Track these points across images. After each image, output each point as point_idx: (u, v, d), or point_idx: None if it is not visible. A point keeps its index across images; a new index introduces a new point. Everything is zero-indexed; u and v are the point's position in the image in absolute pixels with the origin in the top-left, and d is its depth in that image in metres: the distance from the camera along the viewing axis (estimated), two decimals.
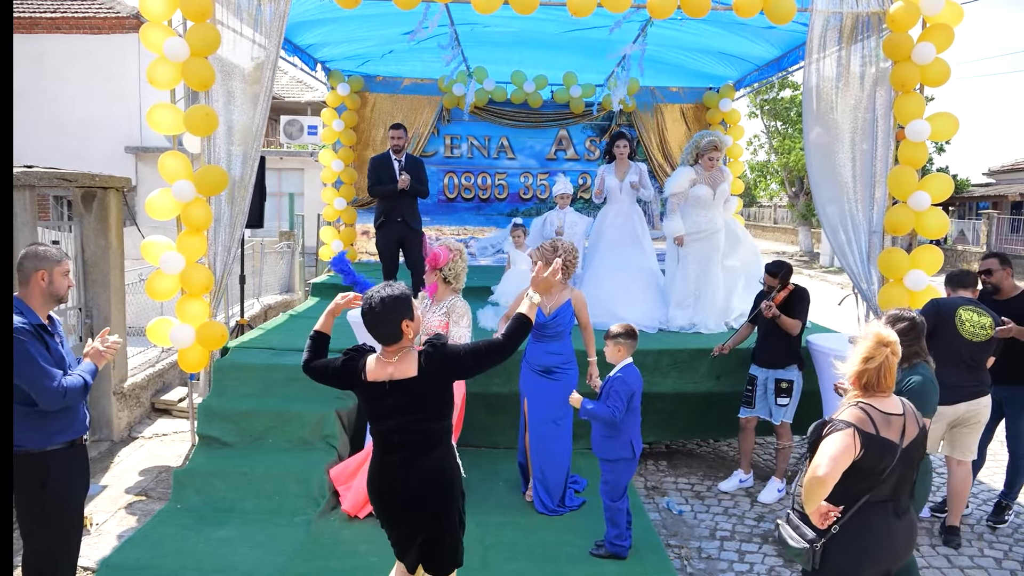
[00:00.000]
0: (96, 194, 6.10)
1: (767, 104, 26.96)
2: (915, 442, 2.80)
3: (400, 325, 2.90)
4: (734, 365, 5.86)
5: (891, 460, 2.73)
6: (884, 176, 5.68)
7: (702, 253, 6.67)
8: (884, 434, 2.73)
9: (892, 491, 2.79)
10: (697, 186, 6.55)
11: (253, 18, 5.45)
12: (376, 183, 7.07)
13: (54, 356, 3.22)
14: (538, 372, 4.83)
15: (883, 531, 2.78)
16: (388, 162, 7.08)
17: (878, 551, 2.78)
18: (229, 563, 4.16)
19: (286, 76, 24.70)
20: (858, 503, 2.75)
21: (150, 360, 7.36)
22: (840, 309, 7.52)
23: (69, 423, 3.27)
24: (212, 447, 5.23)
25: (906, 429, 2.78)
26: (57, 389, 3.10)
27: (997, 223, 24.63)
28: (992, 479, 5.71)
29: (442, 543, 2.99)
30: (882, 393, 2.80)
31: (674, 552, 4.53)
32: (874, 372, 2.76)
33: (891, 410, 2.79)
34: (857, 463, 2.69)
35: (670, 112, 10.34)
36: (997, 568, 4.46)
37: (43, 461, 3.19)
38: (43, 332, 3.22)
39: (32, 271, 3.23)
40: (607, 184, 7.16)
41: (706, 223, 6.60)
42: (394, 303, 2.90)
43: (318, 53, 8.88)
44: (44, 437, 3.20)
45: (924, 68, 5.45)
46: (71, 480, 3.32)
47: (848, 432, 2.69)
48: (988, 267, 5.00)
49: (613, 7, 5.37)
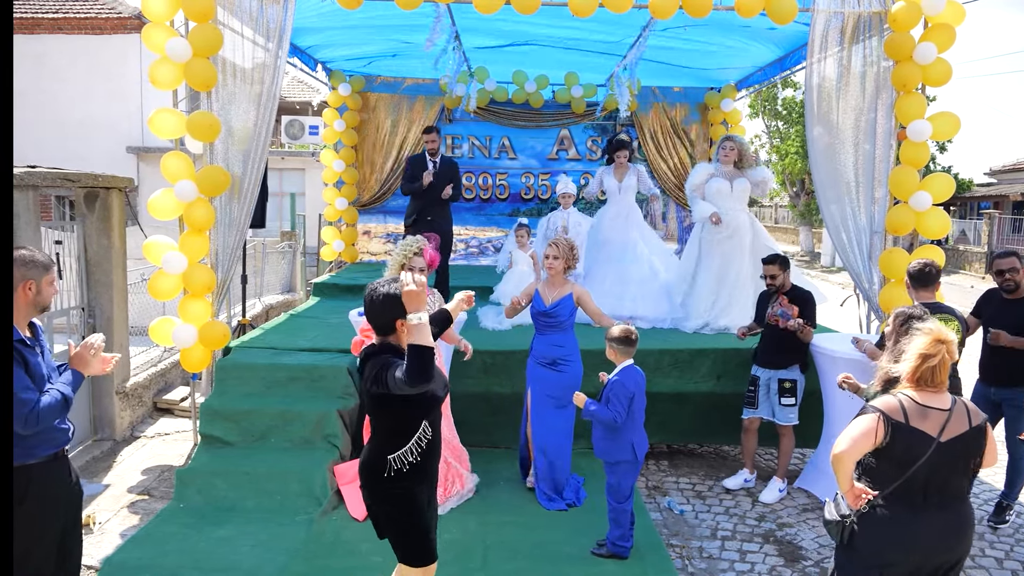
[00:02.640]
0: (99, 194, 6.11)
1: (768, 104, 26.96)
2: (961, 439, 2.79)
3: (394, 322, 2.97)
4: (735, 365, 5.86)
5: (923, 452, 2.74)
6: (885, 176, 5.68)
7: (723, 251, 6.59)
8: (916, 424, 2.76)
9: (926, 483, 2.78)
10: (713, 179, 6.58)
11: (255, 20, 5.46)
12: (409, 180, 7.30)
13: (34, 373, 2.99)
14: (543, 364, 4.93)
15: (909, 521, 2.79)
16: (424, 163, 7.29)
17: (909, 540, 2.79)
18: (231, 562, 4.17)
19: (287, 76, 24.68)
20: (888, 489, 2.80)
21: (152, 360, 7.37)
22: (841, 309, 7.52)
23: (50, 435, 3.07)
24: (214, 446, 5.24)
25: (949, 424, 2.78)
26: (31, 415, 2.90)
27: (998, 223, 24.59)
28: (993, 479, 5.70)
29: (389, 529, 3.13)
30: (933, 389, 2.82)
31: (675, 552, 4.53)
32: (929, 369, 2.79)
33: (933, 404, 2.80)
34: (884, 450, 2.76)
35: (671, 112, 10.34)
36: (998, 568, 4.47)
37: (23, 476, 2.98)
38: (23, 347, 2.99)
39: (19, 281, 2.99)
40: (606, 185, 7.21)
41: (725, 218, 6.52)
42: (393, 301, 2.95)
43: (319, 54, 8.89)
44: (24, 451, 2.97)
45: (926, 68, 5.45)
46: (49, 497, 3.11)
47: (874, 417, 2.78)
48: (1012, 265, 4.72)
49: (614, 7, 5.38)
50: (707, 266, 6.68)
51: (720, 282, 6.64)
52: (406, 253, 4.58)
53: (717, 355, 5.97)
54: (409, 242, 4.65)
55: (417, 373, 2.73)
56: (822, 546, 4.63)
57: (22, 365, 2.95)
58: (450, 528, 4.54)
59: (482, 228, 10.67)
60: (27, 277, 3.00)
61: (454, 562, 4.16)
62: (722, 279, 6.63)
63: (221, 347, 5.59)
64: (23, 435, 2.95)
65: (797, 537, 4.77)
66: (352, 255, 10.33)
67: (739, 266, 6.59)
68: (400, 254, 4.61)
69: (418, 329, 2.73)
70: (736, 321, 6.28)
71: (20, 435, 2.95)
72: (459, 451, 5.10)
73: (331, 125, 9.85)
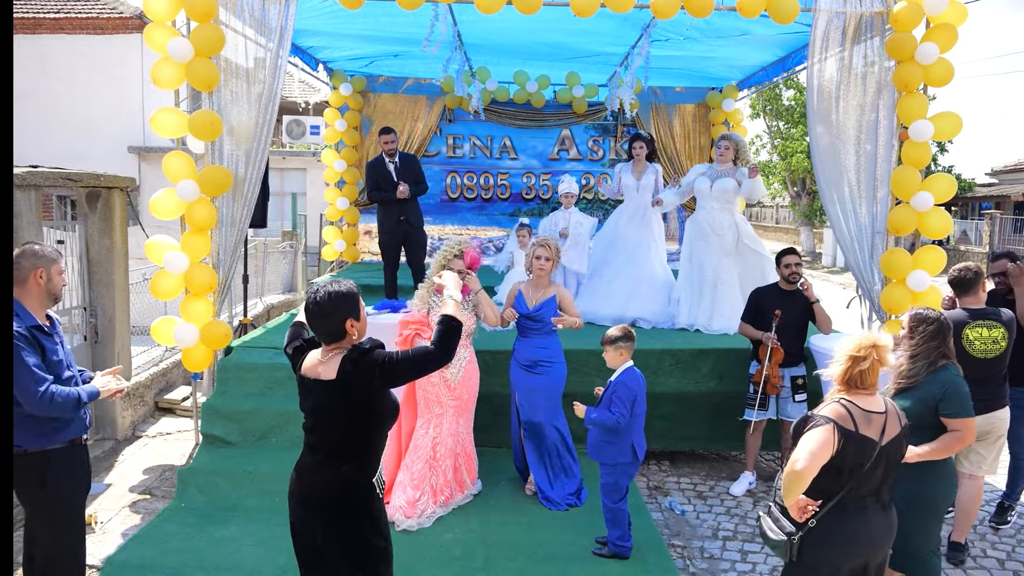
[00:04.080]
0: (100, 194, 6.11)
1: (769, 104, 26.94)
2: (896, 440, 2.84)
3: (344, 323, 2.73)
4: (736, 365, 5.86)
5: (870, 457, 2.76)
6: (887, 176, 5.67)
7: (704, 250, 6.69)
8: (864, 431, 2.76)
9: (873, 487, 2.82)
10: (698, 178, 6.67)
11: (256, 19, 5.46)
12: (375, 188, 7.18)
13: (49, 359, 3.15)
14: (525, 367, 4.91)
15: (861, 526, 2.81)
16: (383, 165, 7.18)
17: (855, 545, 2.82)
18: (232, 561, 4.17)
19: (290, 77, 24.67)
20: (836, 498, 2.79)
21: (154, 359, 7.38)
22: (843, 309, 7.52)
23: (67, 422, 3.22)
24: (215, 446, 5.25)
25: (887, 427, 2.81)
26: (44, 395, 3.04)
27: (1000, 223, 24.57)
28: (995, 479, 5.70)
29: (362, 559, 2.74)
30: (865, 391, 2.83)
31: (677, 552, 4.53)
32: (858, 372, 2.80)
33: (873, 408, 2.82)
34: (836, 459, 2.74)
35: (673, 112, 10.34)
36: (1000, 569, 4.46)
37: (42, 461, 3.15)
38: (40, 334, 3.15)
39: (31, 269, 3.17)
40: (623, 182, 7.24)
41: (704, 217, 6.65)
42: (340, 299, 2.72)
43: (320, 54, 8.89)
44: (42, 437, 3.15)
45: (927, 68, 5.44)
46: (71, 479, 3.28)
47: (828, 428, 2.74)
48: (1000, 269, 4.79)
49: (616, 7, 5.38)
50: (691, 265, 6.79)
51: (702, 281, 6.71)
52: (447, 255, 4.69)
53: (718, 355, 5.97)
54: (451, 244, 4.75)
55: (452, 346, 2.74)
56: None
57: (38, 350, 3.11)
58: (452, 528, 4.55)
59: (483, 228, 10.67)
60: (37, 266, 3.18)
61: (457, 562, 4.17)
62: (703, 278, 6.70)
63: (222, 347, 5.59)
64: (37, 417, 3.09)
65: None
66: (353, 255, 10.33)
67: (716, 265, 6.65)
68: (442, 259, 4.69)
69: (455, 307, 2.83)
70: (729, 323, 6.36)
71: (36, 418, 3.11)
72: (472, 458, 5.07)
73: (332, 125, 9.85)
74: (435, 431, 4.75)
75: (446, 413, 4.79)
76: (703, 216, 6.69)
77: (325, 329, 2.75)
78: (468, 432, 4.98)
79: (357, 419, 2.73)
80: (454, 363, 4.73)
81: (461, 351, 4.78)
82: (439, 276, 3.06)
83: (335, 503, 2.72)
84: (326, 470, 2.75)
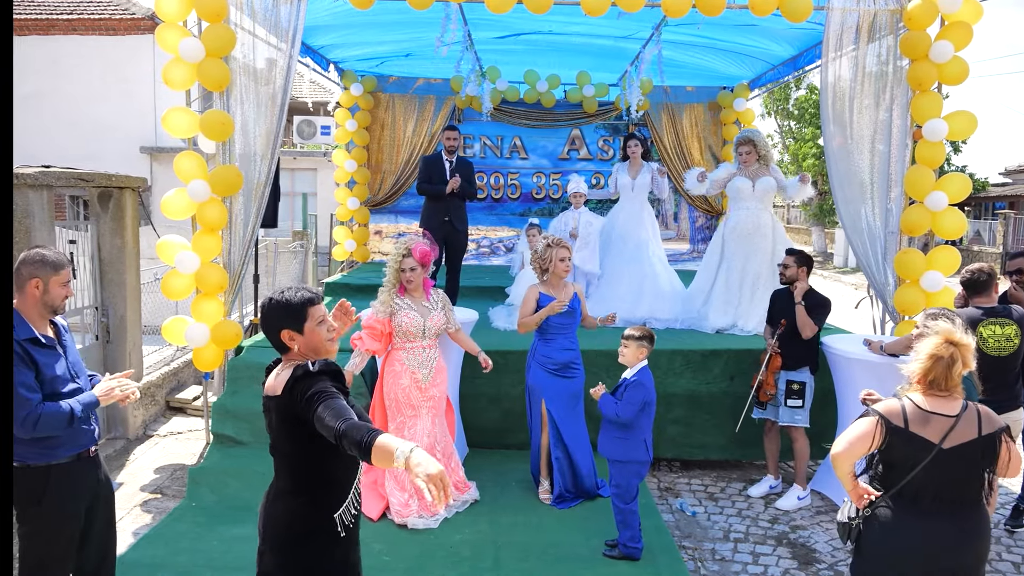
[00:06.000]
0: (112, 194, 6.14)
1: (780, 103, 26.82)
2: (968, 446, 2.70)
3: (279, 335, 2.49)
4: (748, 366, 5.82)
5: (922, 458, 2.69)
6: (901, 176, 5.62)
7: (744, 251, 6.51)
8: (916, 430, 2.70)
9: (928, 489, 2.73)
10: (736, 178, 6.48)
11: (268, 19, 5.47)
12: (426, 181, 7.14)
13: (44, 376, 2.92)
14: (554, 371, 4.84)
15: (911, 526, 2.74)
16: (439, 162, 7.17)
17: (905, 546, 2.75)
18: (243, 561, 4.16)
19: (301, 78, 24.75)
20: (889, 492, 2.78)
21: (165, 359, 7.41)
22: (855, 310, 7.46)
23: (70, 436, 3.01)
24: (226, 445, 5.25)
25: (953, 431, 2.70)
26: (27, 418, 2.81)
27: (1014, 223, 24.36)
28: (1010, 482, 5.64)
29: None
30: (944, 393, 2.74)
31: (688, 553, 4.50)
32: (942, 372, 2.72)
33: (940, 410, 2.73)
34: (884, 453, 2.74)
35: (684, 111, 10.30)
36: (1016, 573, 4.41)
37: (43, 476, 2.96)
38: (35, 347, 2.94)
39: (28, 279, 2.97)
40: (619, 182, 7.21)
41: (747, 217, 6.42)
42: (278, 309, 2.47)
43: (331, 54, 8.90)
44: (44, 451, 2.96)
45: (942, 67, 5.40)
46: (69, 496, 3.04)
47: (872, 420, 2.75)
48: (1018, 266, 4.72)
49: (627, 6, 5.36)
50: (729, 266, 6.60)
51: (741, 281, 6.57)
52: (396, 259, 4.64)
53: (730, 355, 5.93)
54: (397, 248, 4.68)
55: (346, 444, 2.19)
56: (836, 549, 4.59)
57: (31, 365, 2.89)
58: (462, 529, 4.54)
59: (493, 228, 10.66)
60: (35, 275, 2.99)
61: (466, 563, 4.16)
62: (743, 278, 6.56)
63: (233, 346, 5.60)
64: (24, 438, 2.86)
65: (810, 540, 4.73)
66: (364, 255, 10.34)
67: (758, 266, 6.52)
68: (393, 262, 4.66)
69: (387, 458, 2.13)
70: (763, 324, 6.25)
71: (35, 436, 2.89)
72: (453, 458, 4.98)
73: (343, 125, 9.86)
74: (408, 433, 4.66)
75: (419, 415, 4.72)
76: (745, 216, 6.44)
77: (269, 337, 2.54)
78: (444, 434, 4.89)
79: (307, 444, 2.40)
80: (424, 364, 4.70)
81: (429, 351, 4.74)
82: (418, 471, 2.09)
83: (265, 535, 2.53)
84: (269, 497, 2.58)
